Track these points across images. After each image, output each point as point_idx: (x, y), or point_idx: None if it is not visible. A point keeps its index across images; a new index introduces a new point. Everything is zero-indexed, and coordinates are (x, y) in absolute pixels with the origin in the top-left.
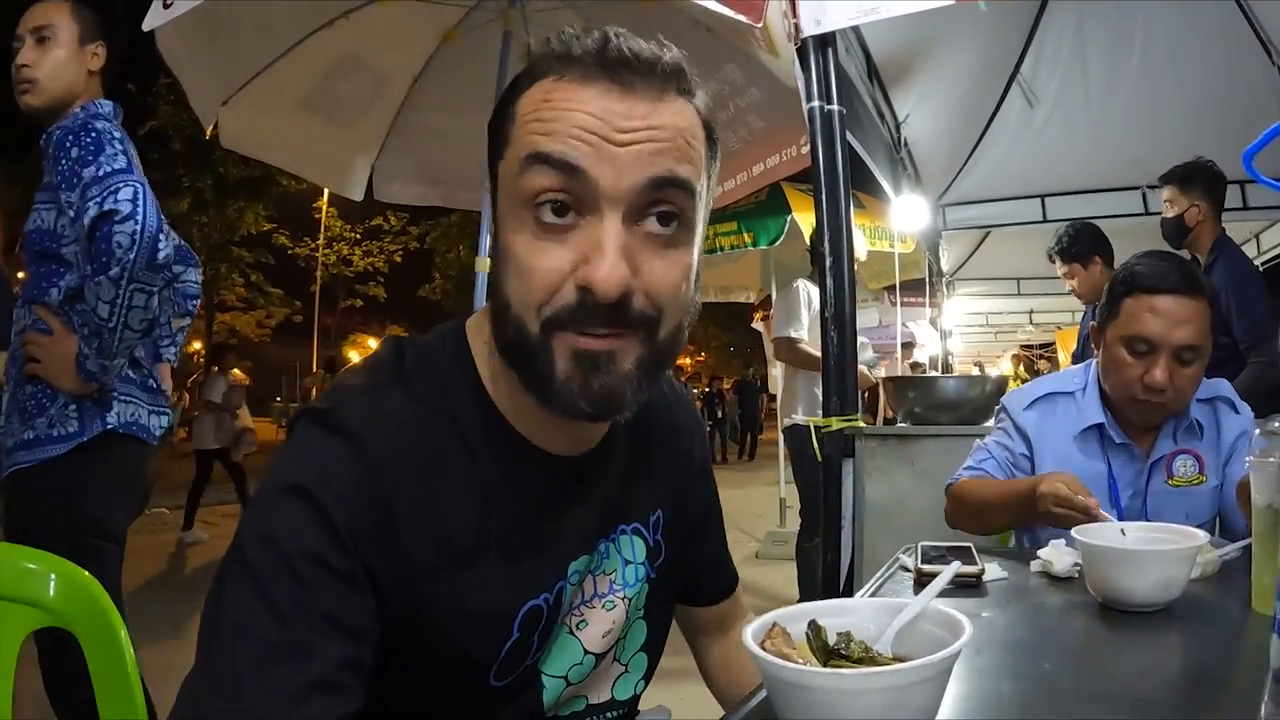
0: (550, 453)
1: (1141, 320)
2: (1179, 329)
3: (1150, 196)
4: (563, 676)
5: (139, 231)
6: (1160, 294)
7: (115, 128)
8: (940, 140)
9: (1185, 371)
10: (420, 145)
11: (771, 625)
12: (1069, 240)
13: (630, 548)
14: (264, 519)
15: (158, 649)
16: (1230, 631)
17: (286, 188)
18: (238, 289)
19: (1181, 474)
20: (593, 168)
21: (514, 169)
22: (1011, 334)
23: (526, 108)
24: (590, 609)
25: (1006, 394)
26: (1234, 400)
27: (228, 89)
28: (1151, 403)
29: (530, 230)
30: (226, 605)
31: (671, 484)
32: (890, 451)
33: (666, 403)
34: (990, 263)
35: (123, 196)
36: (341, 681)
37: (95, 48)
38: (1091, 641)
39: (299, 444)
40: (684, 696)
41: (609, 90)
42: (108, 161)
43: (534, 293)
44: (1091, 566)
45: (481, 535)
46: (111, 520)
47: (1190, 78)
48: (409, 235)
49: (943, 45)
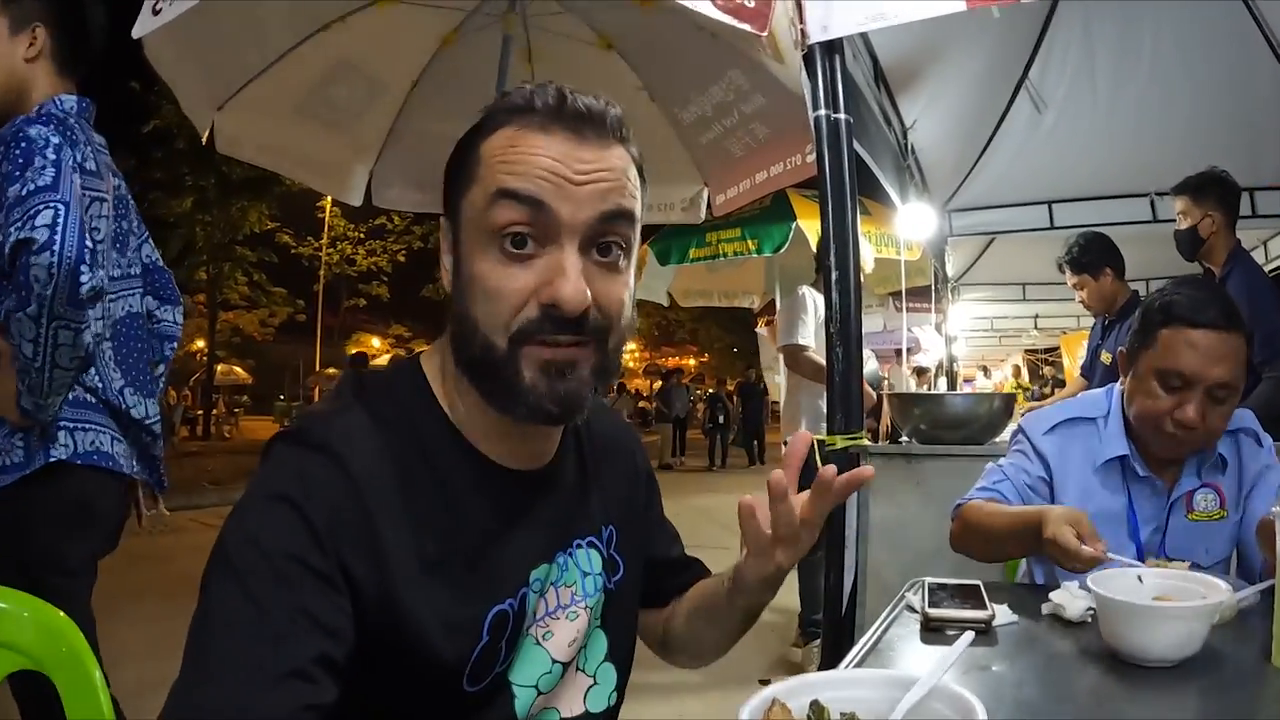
0: (507, 467)
1: (1178, 354)
2: (1216, 366)
3: (1159, 204)
4: (533, 686)
5: (56, 264)
6: (1199, 328)
7: (54, 132)
8: (947, 146)
9: (1218, 410)
10: (419, 150)
11: (771, 703)
12: (1079, 250)
13: (587, 560)
14: (246, 524)
15: (154, 658)
16: (1249, 689)
17: (290, 187)
18: (241, 288)
19: (1202, 509)
20: (554, 203)
21: (481, 204)
22: (1016, 339)
23: (493, 151)
24: (555, 620)
25: (1024, 416)
26: (1258, 432)
27: (222, 94)
28: (1179, 437)
29: (495, 258)
30: (211, 605)
31: (619, 498)
32: (896, 471)
33: (604, 421)
34: (996, 268)
35: (40, 222)
36: (316, 674)
37: (29, 34)
38: (1104, 701)
39: (278, 461)
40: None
41: (567, 139)
42: (33, 178)
43: (502, 311)
44: (1106, 619)
45: (449, 543)
46: (69, 556)
47: (1199, 84)
48: (412, 235)
49: (951, 50)
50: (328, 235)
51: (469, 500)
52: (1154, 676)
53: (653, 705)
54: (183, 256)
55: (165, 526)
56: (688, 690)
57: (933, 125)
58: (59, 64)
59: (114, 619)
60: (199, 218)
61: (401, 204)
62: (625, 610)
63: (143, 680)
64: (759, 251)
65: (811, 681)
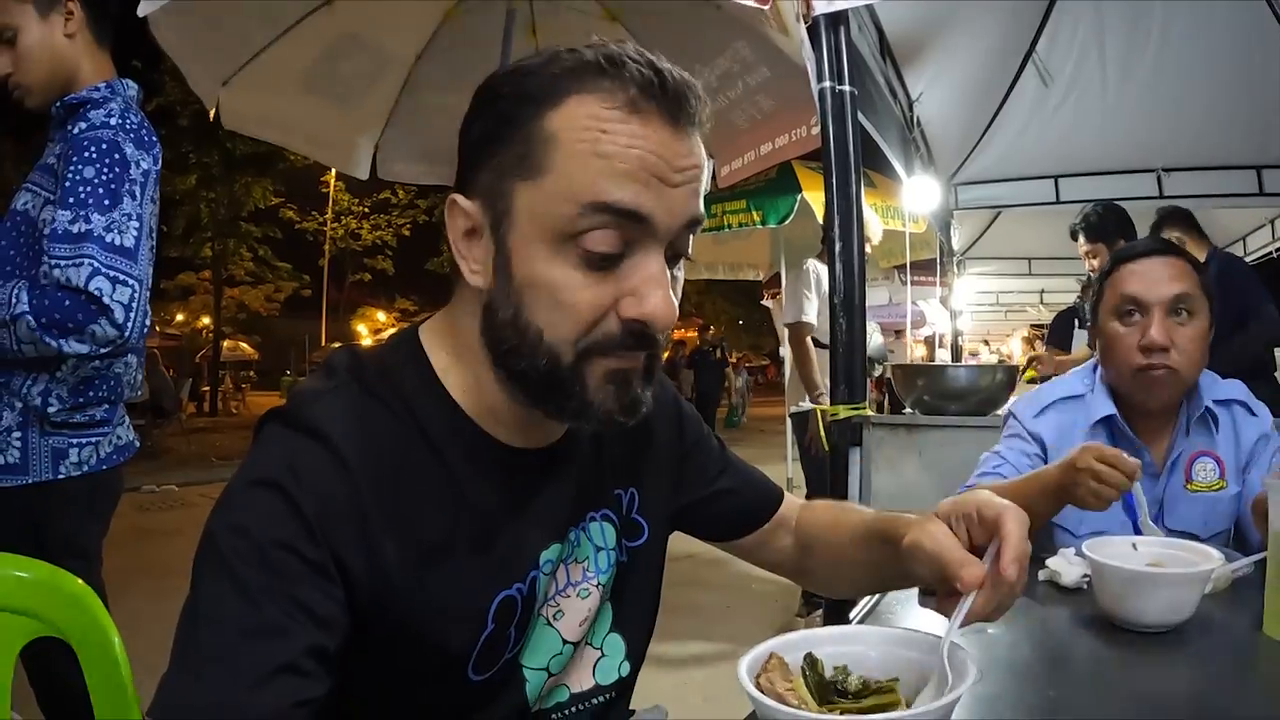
0: (514, 447)
1: (1126, 283)
2: (1165, 284)
3: (1165, 180)
4: (544, 668)
5: (117, 339)
6: (1138, 259)
7: (141, 150)
8: (953, 119)
9: (1184, 330)
10: (424, 124)
11: (768, 656)
12: (1097, 219)
13: (600, 534)
14: (235, 511)
15: (167, 631)
16: (1241, 657)
17: (294, 163)
18: (246, 264)
19: (1201, 479)
20: (655, 213)
21: (563, 206)
22: (1022, 313)
23: (573, 135)
24: (565, 598)
25: (1013, 402)
26: (1250, 403)
27: (227, 70)
28: (1156, 368)
29: (572, 264)
30: (200, 595)
31: (642, 455)
32: (898, 441)
33: None
34: (1002, 242)
35: (119, 298)
36: (308, 667)
37: (60, 11)
38: (1098, 666)
39: (267, 443)
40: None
41: (664, 126)
42: (116, 207)
43: (576, 325)
44: (1101, 584)
45: (451, 529)
46: (87, 541)
47: (1209, 59)
48: (417, 209)
49: (957, 22)
50: (332, 210)
51: (472, 483)
52: (1148, 642)
53: (657, 674)
54: (188, 233)
55: (175, 502)
56: (692, 660)
57: (939, 98)
58: (96, 35)
59: (127, 593)
60: (203, 194)
61: (406, 177)
62: (644, 575)
63: (159, 653)
64: (764, 223)
65: (810, 637)
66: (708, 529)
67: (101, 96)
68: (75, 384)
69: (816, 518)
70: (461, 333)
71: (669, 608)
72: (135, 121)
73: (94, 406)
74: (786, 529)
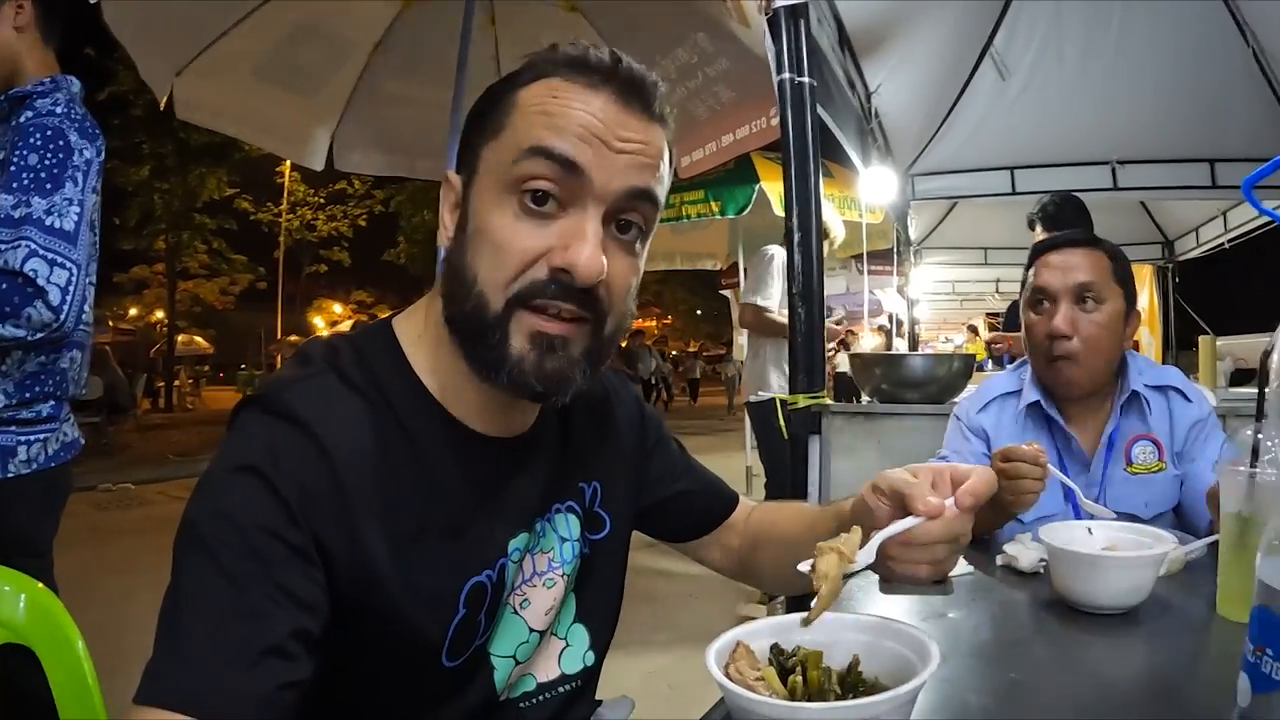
0: (486, 435)
1: (1038, 274)
2: (1072, 273)
3: (1120, 172)
4: (511, 656)
5: (52, 325)
6: (1052, 251)
7: (85, 139)
8: (911, 111)
9: (1090, 317)
10: (381, 114)
11: (735, 645)
12: (1054, 209)
13: (565, 525)
14: (216, 497)
15: (130, 634)
16: (1195, 636)
17: (249, 153)
18: (200, 256)
19: (1141, 461)
20: (590, 167)
21: (509, 154)
22: (979, 301)
23: (530, 99)
24: (531, 587)
25: (956, 405)
26: (1185, 389)
27: (181, 59)
28: (1062, 356)
29: (513, 212)
30: (182, 582)
31: (606, 451)
32: (857, 429)
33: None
34: (958, 232)
35: (55, 280)
36: (293, 650)
37: (11, 4)
38: (1057, 647)
39: (245, 429)
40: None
41: (614, 102)
42: (55, 193)
43: (507, 269)
44: (1058, 569)
45: (424, 515)
46: (40, 539)
47: (1164, 54)
48: (373, 199)
49: (916, 16)
50: (287, 200)
51: (445, 470)
52: (1104, 623)
53: (622, 663)
54: (141, 225)
55: (132, 500)
56: (656, 646)
57: (897, 90)
58: (43, 33)
59: (88, 595)
60: (157, 185)
61: (364, 167)
62: (606, 567)
63: (121, 656)
64: (723, 214)
65: (773, 625)
66: (666, 530)
67: (45, 89)
68: (21, 379)
69: (768, 514)
70: (431, 321)
71: (632, 597)
72: (80, 113)
73: (40, 402)
74: (736, 531)
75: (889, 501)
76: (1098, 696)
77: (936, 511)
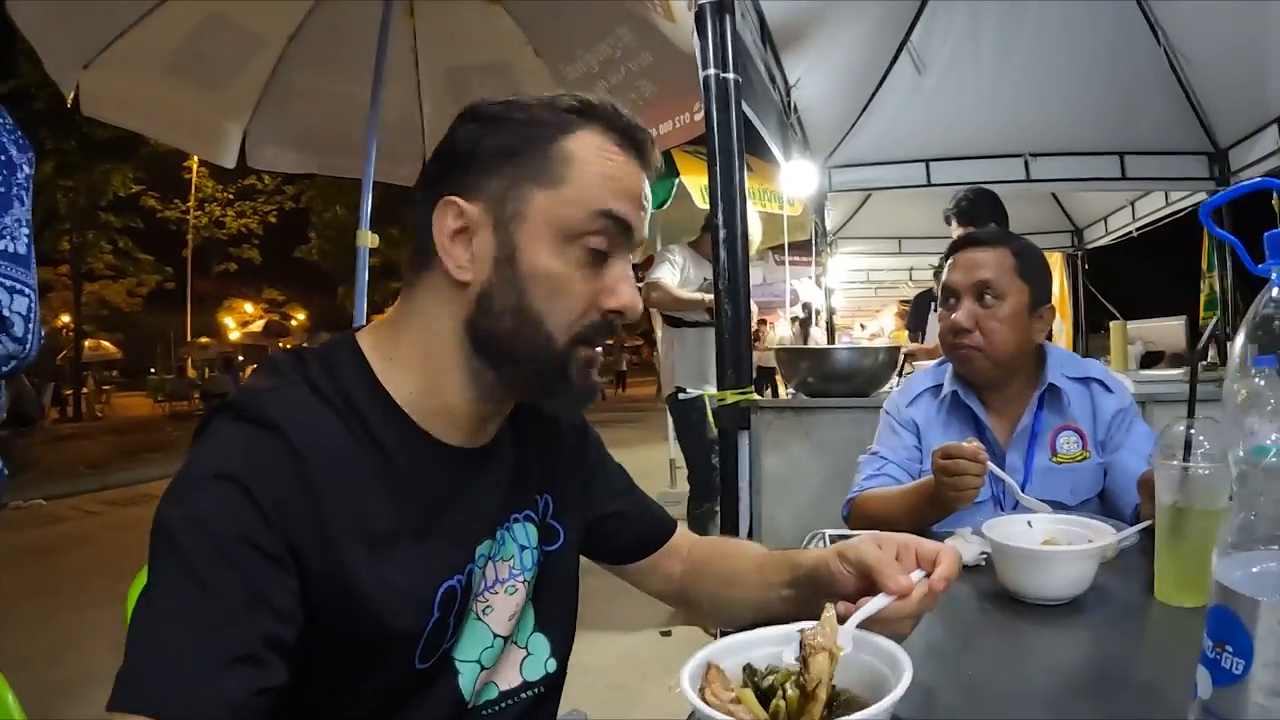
0: (450, 444)
1: (947, 273)
2: (974, 271)
3: (1032, 164)
4: (476, 661)
5: (17, 360)
6: (960, 251)
7: (22, 155)
8: (829, 104)
9: (990, 313)
10: (295, 109)
11: (707, 667)
12: (969, 204)
13: (524, 534)
14: (190, 503)
15: (59, 660)
16: (1136, 621)
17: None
18: (106, 256)
19: (1066, 451)
20: (635, 226)
21: (576, 210)
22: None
23: (586, 154)
24: (494, 594)
25: (887, 399)
26: (1106, 380)
27: (88, 52)
28: (962, 348)
29: (575, 260)
30: (156, 589)
31: (557, 463)
32: (786, 424)
33: None
34: (873, 223)
35: (16, 308)
36: (266, 657)
37: None
38: (1008, 641)
39: (220, 435)
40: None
41: (643, 165)
42: (10, 228)
43: (572, 313)
44: (1004, 564)
45: (395, 520)
46: None
47: (1080, 53)
48: (284, 194)
49: (836, 10)
50: (195, 197)
51: (414, 477)
52: (1049, 613)
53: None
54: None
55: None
56: (588, 642)
57: (816, 84)
58: None
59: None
60: (60, 183)
61: (279, 164)
62: (561, 577)
63: (50, 684)
64: None
65: (739, 642)
66: (604, 551)
67: None
68: None
69: (713, 547)
70: (409, 339)
71: None
72: (11, 124)
73: None
74: (677, 557)
75: (854, 571)
76: (1061, 687)
77: (907, 591)
